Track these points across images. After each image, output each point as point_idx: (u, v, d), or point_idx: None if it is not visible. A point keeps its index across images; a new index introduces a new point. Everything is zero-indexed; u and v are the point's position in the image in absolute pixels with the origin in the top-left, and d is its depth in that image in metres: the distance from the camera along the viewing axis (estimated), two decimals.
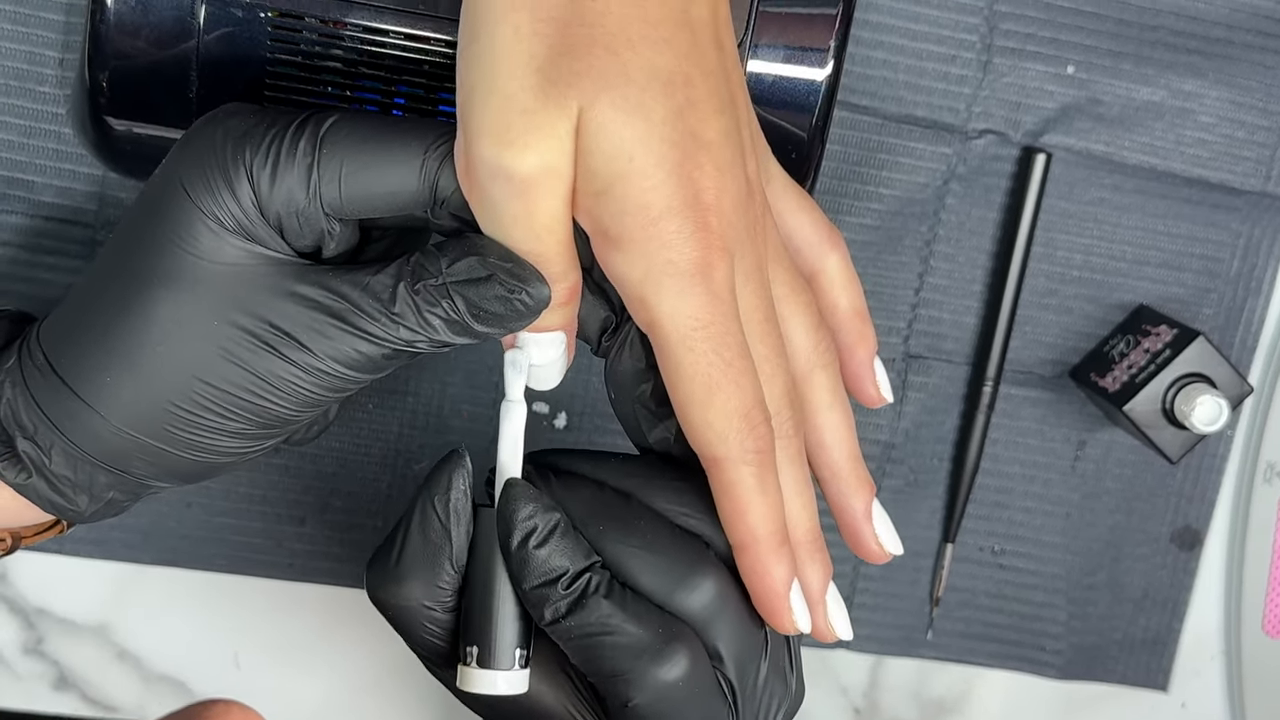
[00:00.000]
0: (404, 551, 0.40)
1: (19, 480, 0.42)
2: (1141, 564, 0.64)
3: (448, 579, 0.40)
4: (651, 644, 0.39)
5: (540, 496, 0.39)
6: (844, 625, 0.43)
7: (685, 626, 0.40)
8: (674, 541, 0.40)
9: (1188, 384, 0.57)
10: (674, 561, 0.40)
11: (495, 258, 0.38)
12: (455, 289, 0.38)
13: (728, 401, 0.38)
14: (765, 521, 0.39)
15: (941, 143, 0.58)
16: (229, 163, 0.39)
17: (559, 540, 0.39)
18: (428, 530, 0.40)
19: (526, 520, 0.39)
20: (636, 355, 0.41)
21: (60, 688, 0.60)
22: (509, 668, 0.40)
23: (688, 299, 0.37)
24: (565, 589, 0.39)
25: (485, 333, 0.39)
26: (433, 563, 0.40)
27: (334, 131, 0.39)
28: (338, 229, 0.40)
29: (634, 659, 0.39)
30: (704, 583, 0.40)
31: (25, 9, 0.53)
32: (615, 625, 0.39)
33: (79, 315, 0.41)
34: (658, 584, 0.40)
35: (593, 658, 0.39)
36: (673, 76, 0.37)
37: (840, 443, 0.43)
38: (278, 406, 0.40)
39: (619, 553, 0.40)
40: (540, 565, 0.39)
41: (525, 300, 0.38)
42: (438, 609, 0.40)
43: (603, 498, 0.41)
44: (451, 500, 0.40)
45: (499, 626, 0.40)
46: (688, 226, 0.37)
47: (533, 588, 0.39)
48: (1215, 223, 0.61)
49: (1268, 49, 0.59)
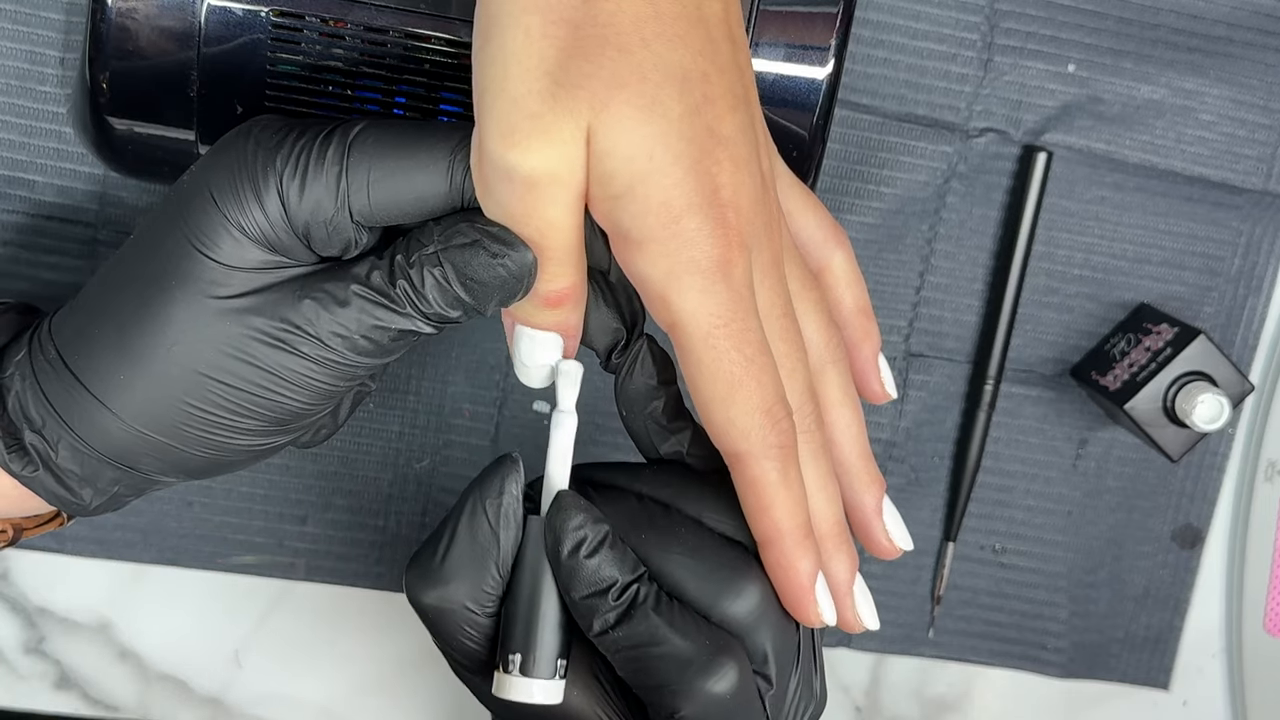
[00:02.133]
0: (450, 553, 0.40)
1: (25, 473, 0.42)
2: (1143, 562, 0.64)
3: (492, 584, 0.40)
4: (699, 656, 0.39)
5: (590, 508, 0.39)
6: (871, 616, 0.43)
7: (731, 638, 0.40)
8: (717, 548, 0.40)
9: (1189, 382, 0.57)
10: (718, 567, 0.40)
11: (483, 224, 0.38)
12: (444, 256, 0.39)
13: (750, 398, 0.38)
14: (789, 516, 0.39)
15: (942, 141, 0.58)
16: (259, 174, 0.39)
17: (608, 551, 0.39)
18: (476, 533, 0.40)
19: (577, 530, 0.39)
20: (648, 373, 0.42)
21: (61, 687, 0.60)
22: (550, 677, 0.40)
23: (709, 296, 0.37)
24: (615, 600, 0.39)
25: (472, 303, 0.39)
26: (479, 566, 0.40)
27: (361, 139, 0.39)
28: (365, 237, 0.40)
29: (682, 671, 0.39)
30: (748, 588, 0.40)
31: (26, 8, 0.53)
32: (664, 637, 0.39)
33: (94, 313, 0.41)
34: (703, 591, 0.40)
35: (641, 669, 0.39)
36: (688, 73, 0.37)
37: (851, 439, 0.43)
38: (291, 400, 0.41)
39: (664, 561, 0.40)
40: (590, 575, 0.39)
41: (508, 265, 0.38)
42: (479, 613, 0.40)
43: (644, 508, 0.41)
44: (504, 504, 0.40)
45: (542, 635, 0.40)
46: (708, 224, 0.37)
47: (583, 598, 0.39)
48: (1216, 221, 0.61)
49: (1269, 47, 0.59)
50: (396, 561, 0.60)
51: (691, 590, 0.40)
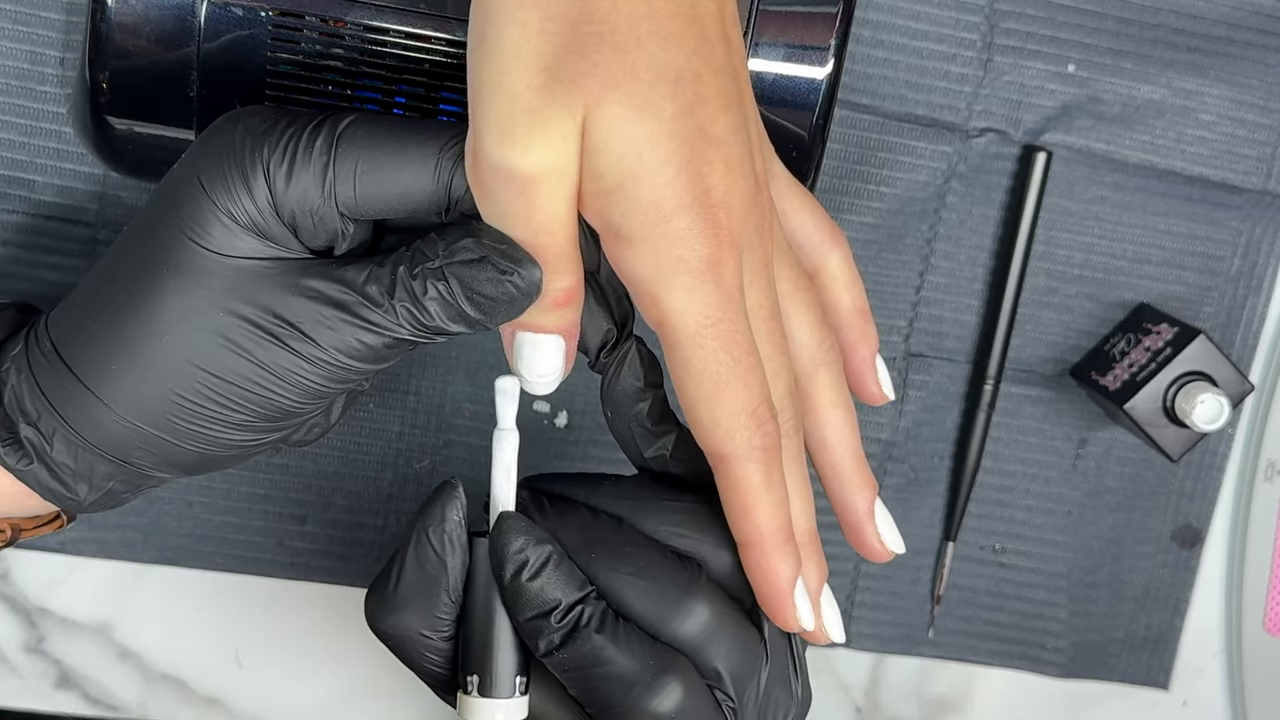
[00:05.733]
0: (400, 582, 0.40)
1: (19, 466, 0.42)
2: (1143, 562, 0.64)
3: (445, 609, 0.40)
4: (643, 676, 0.39)
5: (532, 529, 0.40)
6: (837, 628, 0.43)
7: (678, 655, 0.40)
8: (666, 567, 0.40)
9: (1188, 382, 0.57)
10: (666, 588, 0.40)
11: (490, 240, 0.38)
12: (450, 270, 0.38)
13: (735, 399, 0.38)
14: (771, 519, 0.39)
15: (942, 141, 0.58)
16: (246, 160, 0.39)
17: (551, 572, 0.39)
18: (423, 561, 0.40)
19: (518, 554, 0.39)
20: (634, 374, 0.42)
21: (62, 687, 0.60)
22: (509, 695, 0.40)
23: (698, 296, 0.37)
24: (558, 621, 0.39)
25: (479, 319, 0.39)
26: (429, 593, 0.40)
27: (350, 131, 0.39)
28: (351, 229, 0.40)
29: (626, 691, 0.39)
30: (696, 608, 0.40)
31: (26, 8, 0.53)
32: (607, 657, 0.39)
33: (87, 304, 0.42)
34: (651, 611, 0.40)
35: (587, 689, 0.39)
36: (681, 73, 0.37)
37: (843, 441, 0.43)
38: (281, 397, 0.41)
39: (611, 580, 0.40)
40: (533, 597, 0.39)
41: (517, 282, 0.38)
42: (436, 638, 0.41)
43: (595, 524, 0.41)
44: (446, 531, 0.40)
45: (498, 655, 0.40)
46: (698, 224, 0.37)
47: (526, 620, 0.39)
48: (1216, 221, 0.61)
49: (1268, 47, 0.59)
50: None
51: (639, 610, 0.40)
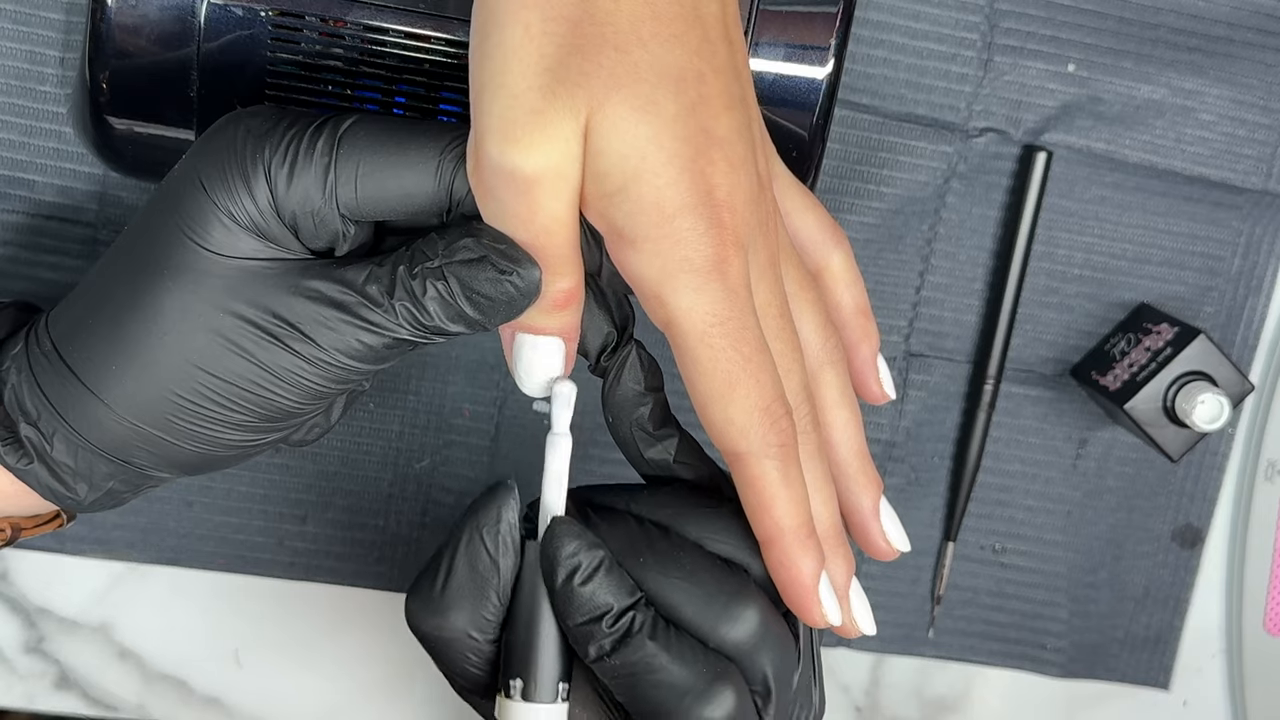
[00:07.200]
0: (450, 581, 0.40)
1: (19, 465, 0.42)
2: (1143, 562, 0.64)
3: (493, 610, 0.40)
4: (696, 684, 0.39)
5: (584, 533, 0.39)
6: (868, 620, 0.43)
7: (729, 663, 0.40)
8: (714, 572, 0.40)
9: (1189, 382, 0.57)
10: (716, 592, 0.40)
11: (490, 239, 0.38)
12: (449, 270, 0.38)
13: (748, 396, 0.38)
14: (791, 515, 0.39)
15: (942, 141, 0.58)
16: (248, 161, 0.39)
17: (603, 577, 0.39)
18: (475, 561, 0.40)
19: (571, 558, 0.39)
20: (635, 378, 0.41)
21: (61, 687, 0.60)
22: (551, 701, 0.40)
23: (704, 295, 0.37)
24: (610, 626, 0.39)
25: (478, 319, 0.39)
26: (480, 594, 0.40)
27: (351, 133, 0.39)
28: (352, 230, 0.40)
29: (679, 699, 0.39)
30: (746, 612, 0.40)
31: (26, 8, 0.53)
32: (660, 664, 0.39)
33: (88, 304, 0.42)
34: (701, 616, 0.39)
35: (637, 695, 0.39)
36: (684, 73, 0.37)
37: (848, 440, 0.43)
38: (281, 398, 0.41)
39: (661, 586, 0.40)
40: (585, 602, 0.39)
41: (516, 283, 0.38)
42: (481, 640, 0.40)
43: (642, 531, 0.40)
44: (501, 533, 0.40)
45: (543, 660, 0.40)
46: (702, 223, 0.37)
47: (577, 625, 0.39)
48: (1216, 221, 0.61)
49: (1269, 47, 0.59)
50: (396, 561, 0.60)
51: (689, 615, 0.39)
